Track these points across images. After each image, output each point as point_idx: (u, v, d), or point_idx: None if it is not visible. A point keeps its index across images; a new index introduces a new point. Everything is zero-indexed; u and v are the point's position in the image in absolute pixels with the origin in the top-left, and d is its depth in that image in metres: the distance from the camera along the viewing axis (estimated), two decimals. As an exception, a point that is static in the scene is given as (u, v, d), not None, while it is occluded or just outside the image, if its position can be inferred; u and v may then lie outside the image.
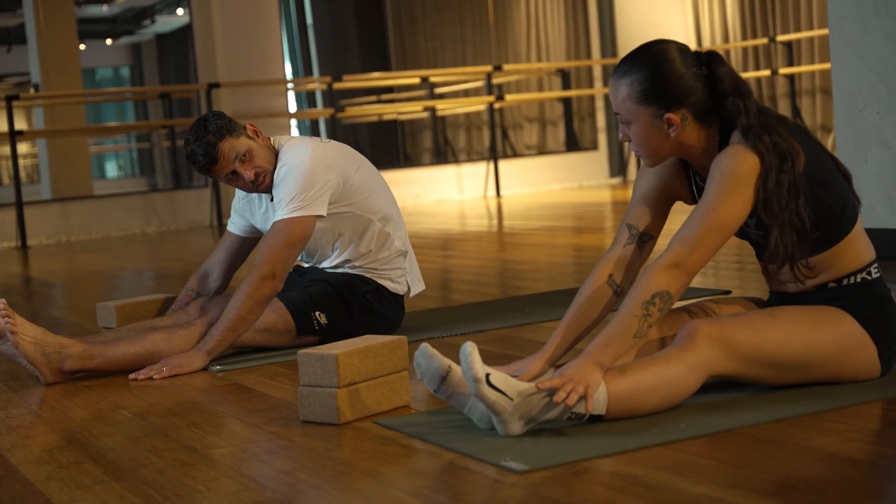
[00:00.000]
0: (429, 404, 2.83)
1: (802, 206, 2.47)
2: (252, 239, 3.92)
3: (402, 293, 3.85)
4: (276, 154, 3.67)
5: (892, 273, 3.45)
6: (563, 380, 2.37)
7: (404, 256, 3.84)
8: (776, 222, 2.47)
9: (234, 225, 3.91)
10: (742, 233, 2.62)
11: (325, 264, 3.81)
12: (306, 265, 3.93)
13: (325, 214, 3.60)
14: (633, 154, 13.67)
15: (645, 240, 2.67)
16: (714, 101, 2.54)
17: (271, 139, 3.73)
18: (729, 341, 2.48)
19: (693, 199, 2.72)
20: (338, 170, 3.64)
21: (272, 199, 3.65)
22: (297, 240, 3.54)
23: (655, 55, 2.52)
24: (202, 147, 3.56)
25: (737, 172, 2.45)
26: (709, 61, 2.54)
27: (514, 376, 2.50)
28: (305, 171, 3.56)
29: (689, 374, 2.46)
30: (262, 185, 3.63)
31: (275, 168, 3.63)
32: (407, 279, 3.86)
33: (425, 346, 2.50)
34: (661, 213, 2.70)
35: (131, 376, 3.44)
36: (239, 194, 3.87)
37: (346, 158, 3.72)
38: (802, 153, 2.49)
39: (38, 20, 11.62)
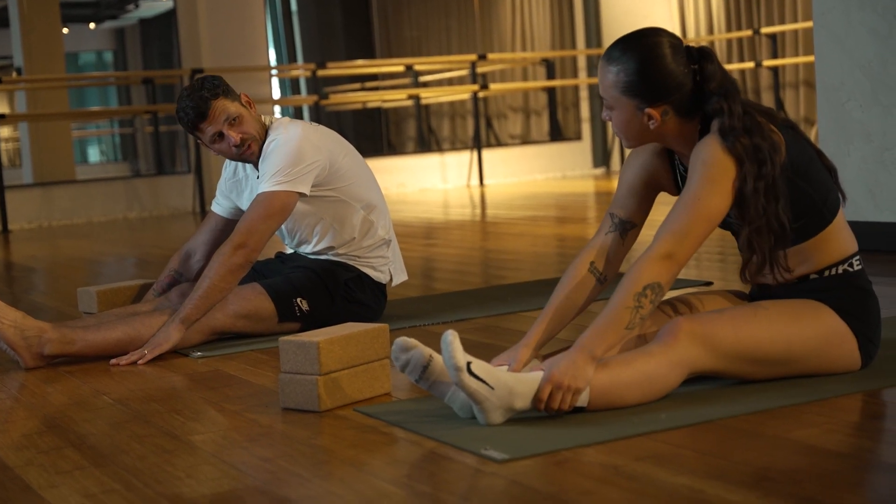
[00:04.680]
0: (410, 392, 2.83)
1: (782, 209, 2.47)
2: (236, 221, 3.90)
3: (384, 282, 3.85)
4: (265, 129, 3.67)
5: (874, 266, 3.46)
6: (553, 383, 2.37)
7: (387, 245, 3.83)
8: (751, 227, 2.47)
9: (219, 206, 3.90)
10: (724, 223, 2.63)
11: (306, 250, 3.80)
12: (289, 250, 3.92)
13: (307, 193, 3.59)
14: (616, 145, 13.56)
15: (627, 228, 2.68)
16: (699, 97, 2.54)
17: (263, 117, 3.73)
18: (711, 339, 2.49)
19: (677, 190, 2.72)
20: (325, 152, 3.64)
21: (258, 177, 3.64)
22: (276, 212, 3.53)
23: (648, 49, 2.51)
24: (194, 101, 3.55)
25: (716, 164, 2.45)
26: (700, 58, 2.53)
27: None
28: (294, 148, 3.56)
29: (671, 371, 2.47)
30: (247, 152, 3.62)
31: (263, 142, 3.62)
32: (390, 268, 3.85)
33: (402, 339, 2.48)
34: (645, 202, 2.70)
35: (112, 361, 3.43)
36: (225, 174, 3.86)
37: (335, 143, 3.72)
38: (784, 147, 2.50)
39: (21, 3, 11.55)
